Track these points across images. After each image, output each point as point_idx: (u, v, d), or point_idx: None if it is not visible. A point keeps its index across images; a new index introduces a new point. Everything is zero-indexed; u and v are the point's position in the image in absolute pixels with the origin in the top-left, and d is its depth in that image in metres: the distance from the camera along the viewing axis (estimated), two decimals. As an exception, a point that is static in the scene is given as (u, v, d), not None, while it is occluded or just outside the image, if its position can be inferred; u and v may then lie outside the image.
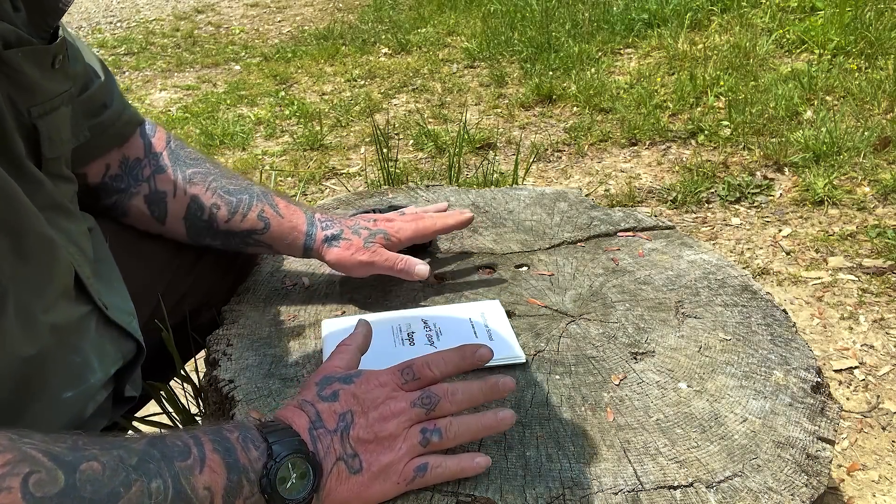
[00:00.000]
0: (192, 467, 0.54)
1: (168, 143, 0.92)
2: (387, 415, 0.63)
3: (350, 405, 0.63)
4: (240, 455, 0.57)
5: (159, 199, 0.89)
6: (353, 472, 0.61)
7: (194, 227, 0.90)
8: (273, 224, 0.90)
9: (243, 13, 5.47)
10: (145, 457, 0.53)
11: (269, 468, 0.57)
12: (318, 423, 0.62)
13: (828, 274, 1.89)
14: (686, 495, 0.62)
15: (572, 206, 1.14)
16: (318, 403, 0.63)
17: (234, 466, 0.56)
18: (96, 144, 0.85)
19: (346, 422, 0.62)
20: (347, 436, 0.62)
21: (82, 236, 0.75)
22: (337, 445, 0.61)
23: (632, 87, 3.12)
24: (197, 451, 0.55)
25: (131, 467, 0.51)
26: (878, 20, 3.15)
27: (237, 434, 0.58)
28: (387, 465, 0.62)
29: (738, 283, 0.93)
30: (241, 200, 0.90)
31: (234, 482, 0.55)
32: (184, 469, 0.53)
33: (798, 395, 0.74)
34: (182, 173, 0.90)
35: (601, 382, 0.76)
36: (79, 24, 5.33)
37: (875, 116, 2.55)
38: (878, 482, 1.32)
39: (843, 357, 1.62)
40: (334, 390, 0.64)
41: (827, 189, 2.20)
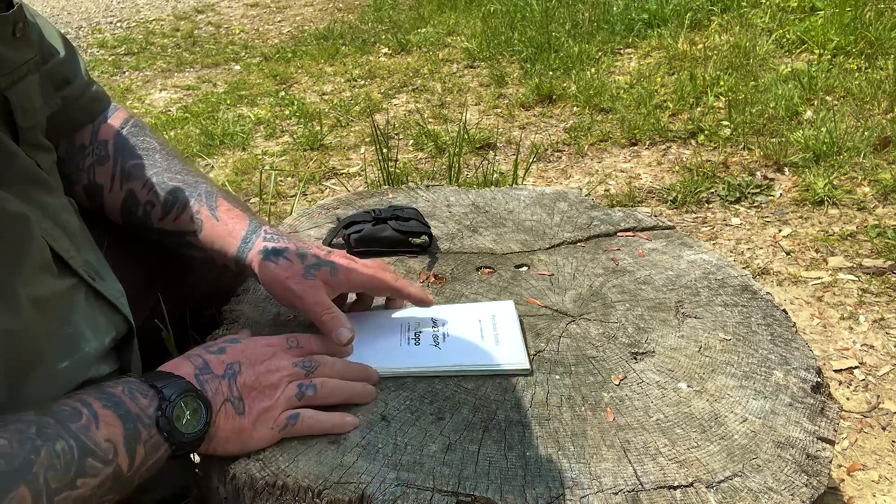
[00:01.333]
0: (87, 426, 0.57)
1: (121, 128, 0.89)
2: (271, 368, 0.70)
3: (237, 357, 0.69)
4: (129, 405, 0.60)
5: (97, 191, 0.87)
6: (238, 413, 0.67)
7: (132, 222, 0.88)
8: (206, 227, 0.83)
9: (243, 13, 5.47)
10: (41, 425, 0.55)
11: (163, 409, 0.61)
12: (206, 370, 0.67)
13: (828, 274, 1.89)
14: (686, 495, 0.62)
15: (572, 206, 1.14)
16: (205, 354, 0.69)
17: (126, 416, 0.59)
18: (64, 120, 0.84)
19: (233, 370, 0.68)
20: (234, 381, 0.68)
21: (62, 209, 0.73)
22: (224, 388, 0.67)
23: (632, 87, 3.12)
24: (87, 411, 0.58)
25: (34, 436, 0.54)
26: (878, 20, 3.15)
27: (121, 388, 0.61)
28: (265, 409, 0.68)
29: (738, 283, 0.93)
30: (177, 199, 0.84)
31: (130, 430, 0.59)
32: (80, 428, 0.57)
33: (798, 395, 0.74)
34: (122, 166, 0.86)
35: (601, 382, 0.76)
36: (79, 24, 5.33)
37: (875, 116, 2.55)
38: (878, 482, 1.32)
39: (843, 357, 1.62)
40: (221, 346, 0.71)
41: (827, 189, 2.20)
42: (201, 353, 0.70)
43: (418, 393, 0.75)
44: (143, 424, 0.60)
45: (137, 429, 0.60)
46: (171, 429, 0.61)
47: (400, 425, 0.71)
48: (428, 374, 0.77)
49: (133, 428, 0.59)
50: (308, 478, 0.65)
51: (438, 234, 1.06)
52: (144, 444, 0.60)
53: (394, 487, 0.63)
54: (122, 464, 0.58)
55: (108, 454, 0.57)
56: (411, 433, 0.70)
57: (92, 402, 0.59)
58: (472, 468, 0.65)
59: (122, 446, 0.58)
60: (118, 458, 0.58)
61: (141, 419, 0.60)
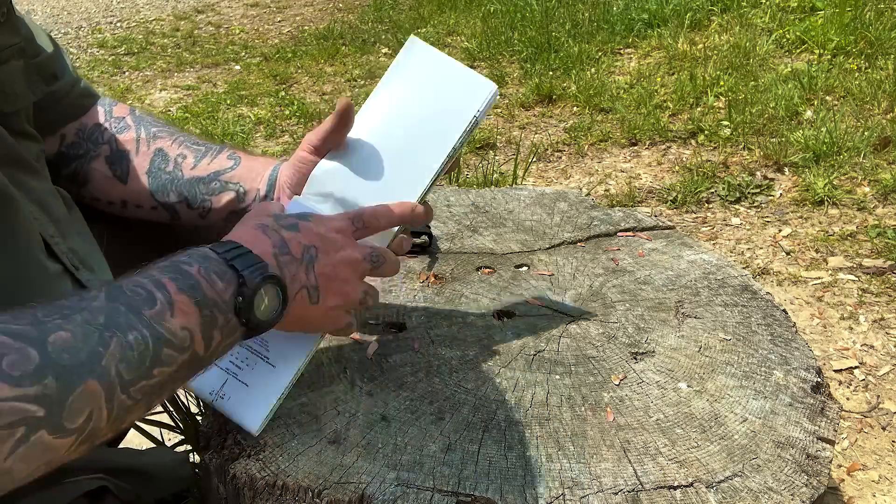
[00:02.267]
0: (161, 313, 0.54)
1: (132, 111, 0.91)
2: (346, 260, 0.68)
3: (313, 240, 0.66)
4: (206, 289, 0.57)
5: (121, 157, 0.87)
6: (311, 303, 0.66)
7: (157, 180, 0.87)
8: (243, 159, 0.87)
9: (243, 13, 5.47)
10: (112, 313, 0.52)
11: (244, 294, 0.58)
12: (284, 249, 0.64)
13: (828, 274, 1.89)
14: (686, 495, 0.62)
15: (572, 206, 1.14)
16: (282, 231, 0.65)
17: (204, 303, 0.56)
18: (50, 116, 0.83)
19: (310, 255, 0.66)
20: (312, 268, 0.65)
21: (47, 194, 0.73)
22: (302, 274, 0.65)
23: (632, 87, 3.12)
24: (162, 296, 0.55)
25: (101, 326, 0.50)
26: (878, 20, 3.15)
27: (197, 266, 0.58)
28: (335, 307, 0.68)
29: (738, 283, 0.93)
30: (210, 148, 0.88)
31: (207, 317, 0.56)
32: (155, 316, 0.53)
33: (798, 395, 0.74)
34: (146, 131, 0.88)
35: (601, 382, 0.76)
36: (79, 24, 5.33)
37: (875, 116, 2.55)
38: (878, 482, 1.32)
39: (843, 357, 1.62)
40: (293, 223, 0.67)
41: (827, 189, 2.20)
42: (276, 227, 0.65)
43: (418, 393, 0.75)
44: (221, 310, 0.57)
45: (214, 315, 0.57)
46: (250, 315, 0.59)
47: (400, 425, 0.71)
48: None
49: (210, 315, 0.56)
50: (308, 478, 0.65)
51: (438, 234, 1.06)
52: (221, 329, 0.58)
53: (394, 487, 0.63)
54: (198, 349, 0.56)
55: (185, 342, 0.55)
56: (411, 433, 0.70)
57: (167, 283, 0.55)
58: (472, 468, 0.65)
59: (199, 333, 0.56)
60: (195, 344, 0.55)
61: (218, 305, 0.57)
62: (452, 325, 0.86)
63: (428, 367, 0.79)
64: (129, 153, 0.87)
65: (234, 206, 0.87)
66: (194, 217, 0.88)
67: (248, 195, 0.86)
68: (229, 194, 0.86)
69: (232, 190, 0.86)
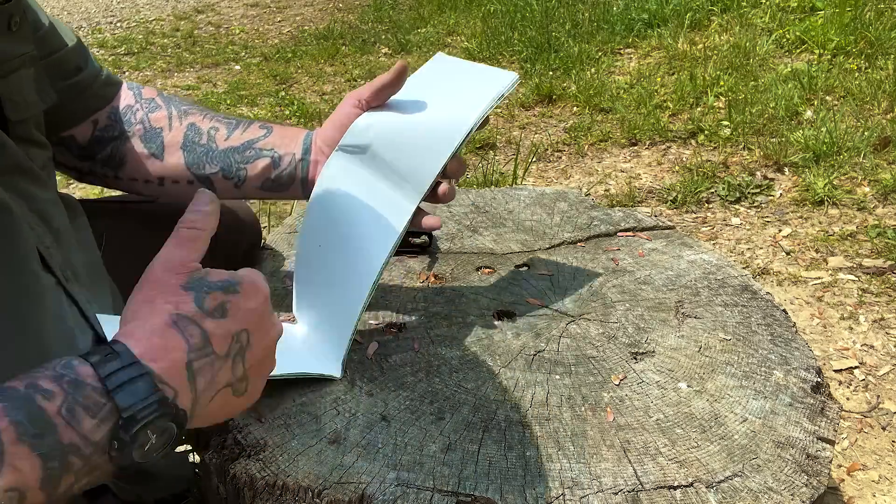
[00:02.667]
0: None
1: (160, 92, 0.93)
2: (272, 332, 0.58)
3: (245, 323, 0.54)
4: (62, 434, 0.43)
5: (155, 135, 0.89)
6: (237, 395, 0.55)
7: (192, 154, 0.89)
8: (275, 129, 0.88)
9: (243, 13, 5.47)
10: None
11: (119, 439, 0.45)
12: (205, 349, 0.51)
13: (828, 274, 1.89)
14: (686, 495, 0.62)
15: (572, 206, 1.14)
16: (205, 321, 0.52)
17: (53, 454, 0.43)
18: (79, 106, 0.85)
19: (240, 344, 0.53)
20: (241, 360, 0.54)
21: (50, 204, 0.73)
22: (226, 373, 0.53)
23: (632, 87, 3.12)
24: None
25: None
26: (878, 20, 3.15)
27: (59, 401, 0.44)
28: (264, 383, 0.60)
29: (738, 283, 0.93)
30: (241, 121, 0.90)
31: (53, 469, 0.43)
32: None
33: (798, 395, 0.74)
34: (177, 108, 0.90)
35: (601, 382, 0.76)
36: (79, 25, 5.33)
37: (875, 116, 2.55)
38: (878, 482, 1.31)
39: (843, 357, 1.62)
40: (220, 302, 0.53)
41: (827, 189, 2.20)
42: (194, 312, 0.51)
43: (418, 393, 0.75)
44: (81, 454, 0.44)
45: (67, 462, 0.44)
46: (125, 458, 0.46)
47: (400, 425, 0.71)
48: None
49: (59, 465, 0.43)
50: (308, 478, 0.65)
51: (438, 234, 1.06)
52: (76, 473, 0.45)
53: (394, 487, 0.63)
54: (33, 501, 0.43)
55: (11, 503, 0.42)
56: (411, 433, 0.70)
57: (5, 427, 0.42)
58: (472, 468, 0.65)
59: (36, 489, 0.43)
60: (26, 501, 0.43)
61: (78, 450, 0.44)
62: (452, 325, 0.86)
63: (428, 367, 0.79)
64: (162, 130, 0.89)
65: (270, 173, 0.88)
66: (230, 188, 0.89)
67: (283, 160, 0.87)
68: (265, 161, 0.88)
69: (267, 156, 0.88)
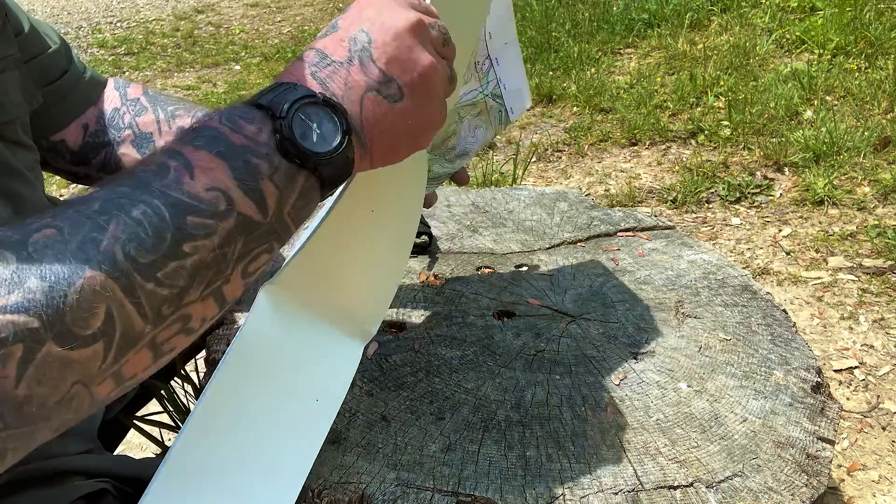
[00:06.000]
0: (177, 179, 0.42)
1: (145, 91, 0.91)
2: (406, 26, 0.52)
3: (360, 22, 0.51)
4: (231, 137, 0.45)
5: (145, 140, 0.88)
6: (392, 101, 0.50)
7: None
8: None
9: (243, 13, 5.47)
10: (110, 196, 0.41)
11: (279, 129, 0.46)
12: (324, 60, 0.50)
13: (828, 274, 1.89)
14: (686, 495, 0.62)
15: (572, 206, 1.14)
16: (317, 42, 0.52)
17: (229, 152, 0.44)
18: (65, 108, 0.84)
19: (360, 44, 0.50)
20: (370, 59, 0.50)
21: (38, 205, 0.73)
22: (358, 75, 0.50)
23: (632, 87, 3.12)
24: (175, 161, 0.43)
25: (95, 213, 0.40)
26: (878, 20, 3.15)
27: (217, 117, 0.46)
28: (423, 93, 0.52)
29: (738, 283, 0.93)
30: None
31: (240, 167, 0.44)
32: (167, 185, 0.42)
33: (798, 395, 0.74)
34: (164, 111, 0.88)
35: (601, 382, 0.76)
36: (79, 24, 5.33)
37: (875, 116, 2.55)
38: (878, 482, 1.32)
39: (843, 357, 1.62)
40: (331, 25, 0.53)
41: (827, 189, 2.20)
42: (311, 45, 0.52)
43: (418, 393, 0.75)
44: (258, 155, 0.45)
45: (250, 163, 0.45)
46: (300, 151, 0.46)
47: (400, 425, 0.71)
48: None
49: (242, 164, 0.44)
50: (308, 478, 0.65)
51: (438, 234, 1.06)
52: (271, 178, 0.45)
53: (394, 487, 0.63)
54: (246, 210, 0.44)
55: (219, 204, 0.43)
56: (411, 433, 0.70)
57: (181, 147, 0.44)
58: (472, 468, 0.65)
59: (237, 190, 0.44)
60: (236, 205, 0.44)
61: (251, 150, 0.45)
62: (452, 325, 0.86)
63: (428, 367, 0.79)
64: (152, 135, 0.88)
65: None
66: None
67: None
68: None
69: None
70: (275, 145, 0.46)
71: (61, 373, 0.37)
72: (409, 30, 0.51)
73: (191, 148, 0.44)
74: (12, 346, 0.35)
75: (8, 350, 0.35)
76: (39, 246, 0.38)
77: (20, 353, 0.35)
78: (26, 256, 0.37)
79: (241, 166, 0.44)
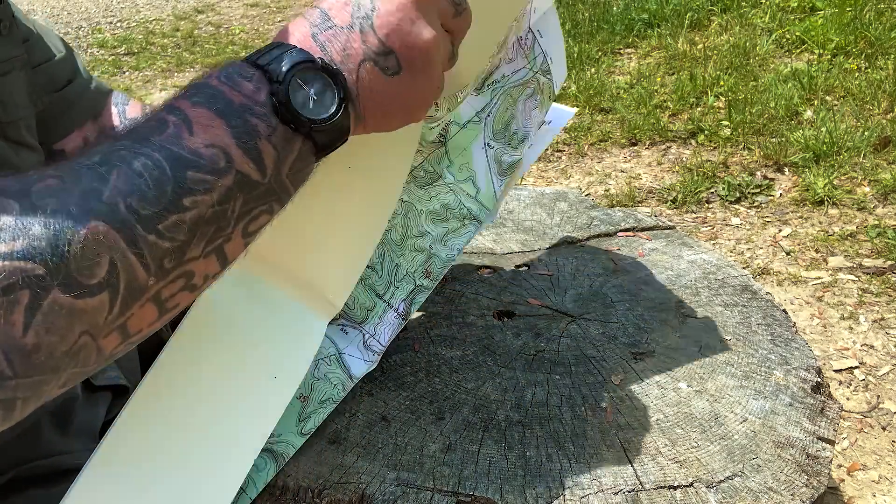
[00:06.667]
0: (176, 134, 0.43)
1: (144, 109, 0.89)
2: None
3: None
4: (230, 95, 0.45)
5: None
6: (388, 74, 0.50)
7: None
8: None
9: (243, 13, 5.47)
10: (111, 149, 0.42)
11: (275, 93, 0.46)
12: (325, 23, 0.49)
13: (828, 274, 1.89)
14: (686, 495, 0.62)
15: (572, 206, 1.14)
16: (321, 3, 0.51)
17: (228, 111, 0.44)
18: (69, 118, 0.84)
19: (364, 12, 0.49)
20: (371, 28, 0.49)
21: None
22: (357, 43, 0.49)
23: (632, 87, 3.12)
24: (174, 116, 0.44)
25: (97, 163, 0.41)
26: (878, 20, 3.15)
27: (216, 75, 0.46)
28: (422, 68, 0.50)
29: (738, 283, 0.93)
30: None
31: (238, 126, 0.44)
32: (167, 139, 0.42)
33: (798, 395, 0.74)
34: None
35: (601, 382, 0.76)
36: (79, 24, 5.33)
37: (875, 116, 2.55)
38: (878, 482, 1.32)
39: (843, 357, 1.62)
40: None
41: (827, 189, 2.20)
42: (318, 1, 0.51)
43: (418, 393, 0.75)
44: (257, 115, 0.45)
45: (249, 122, 0.45)
46: (295, 116, 0.46)
47: (400, 425, 0.71)
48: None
49: (241, 123, 0.44)
50: (308, 478, 0.65)
51: (438, 234, 1.06)
52: (268, 138, 0.45)
53: (394, 487, 0.63)
54: (245, 169, 0.44)
55: (218, 161, 0.43)
56: (411, 433, 0.70)
57: (179, 104, 0.44)
58: (472, 468, 0.65)
59: (236, 148, 0.44)
60: (235, 163, 0.44)
61: (250, 109, 0.45)
62: (452, 325, 0.86)
63: (428, 367, 0.79)
64: None
65: None
66: None
67: None
68: None
69: None
70: (271, 107, 0.46)
71: (68, 322, 0.37)
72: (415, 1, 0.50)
73: (188, 104, 0.44)
74: (19, 292, 0.35)
75: (15, 296, 0.35)
76: (42, 194, 0.38)
77: (27, 299, 0.36)
78: (29, 205, 0.37)
79: (240, 125, 0.44)
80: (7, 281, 0.35)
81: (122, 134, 0.44)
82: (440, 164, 0.79)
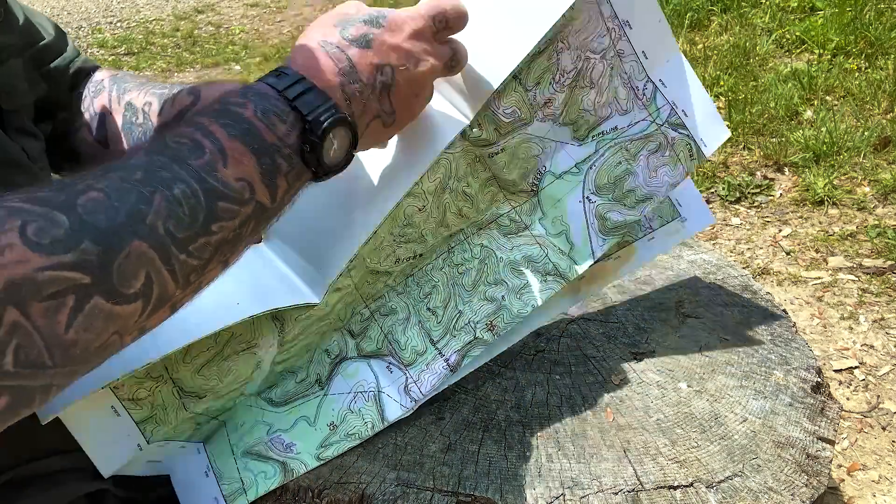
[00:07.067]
0: (212, 163, 0.47)
1: (114, 74, 0.86)
2: (428, 74, 0.60)
3: (388, 57, 0.57)
4: (265, 134, 0.50)
5: (100, 121, 0.83)
6: (385, 126, 0.60)
7: (131, 136, 0.81)
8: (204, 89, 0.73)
9: (243, 13, 5.47)
10: (151, 167, 0.46)
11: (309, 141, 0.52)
12: (352, 75, 0.55)
13: (828, 274, 1.89)
14: (686, 495, 0.62)
15: (572, 206, 1.14)
16: (350, 49, 0.56)
17: (261, 150, 0.50)
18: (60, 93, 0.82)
19: (385, 77, 0.57)
20: (387, 95, 0.58)
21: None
22: (374, 104, 0.57)
23: (632, 87, 3.12)
24: (210, 144, 0.48)
25: (139, 182, 0.44)
26: (878, 20, 3.15)
27: (252, 108, 0.51)
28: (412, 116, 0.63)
29: (738, 283, 0.93)
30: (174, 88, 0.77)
31: (267, 165, 0.50)
32: (204, 167, 0.47)
33: (798, 395, 0.74)
34: (119, 87, 0.83)
35: (601, 382, 0.76)
36: (79, 24, 5.33)
37: (875, 116, 2.55)
38: (878, 482, 1.32)
39: (843, 357, 1.62)
40: (363, 33, 0.57)
41: (827, 189, 2.20)
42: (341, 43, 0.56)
43: (418, 393, 0.75)
44: (283, 156, 0.51)
45: (275, 161, 0.50)
46: (318, 161, 0.53)
47: (400, 425, 0.71)
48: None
49: (269, 162, 0.50)
50: (308, 478, 0.65)
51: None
52: (286, 175, 0.51)
53: (394, 487, 0.63)
54: (262, 199, 0.50)
55: (244, 193, 0.49)
56: (411, 433, 0.70)
57: (215, 130, 0.49)
58: (472, 468, 0.65)
59: (260, 183, 0.50)
60: (256, 195, 0.49)
61: (280, 151, 0.51)
62: (452, 325, 0.86)
63: (428, 367, 0.79)
64: (105, 115, 0.83)
65: None
66: None
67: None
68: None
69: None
70: (297, 148, 0.52)
71: (105, 324, 0.42)
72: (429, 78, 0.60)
73: (225, 134, 0.49)
74: (67, 296, 0.40)
75: (63, 300, 0.40)
76: (89, 209, 0.42)
77: (72, 302, 0.40)
78: (79, 220, 0.41)
79: (268, 164, 0.50)
80: (58, 287, 0.39)
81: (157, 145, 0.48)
82: (531, 216, 0.73)
